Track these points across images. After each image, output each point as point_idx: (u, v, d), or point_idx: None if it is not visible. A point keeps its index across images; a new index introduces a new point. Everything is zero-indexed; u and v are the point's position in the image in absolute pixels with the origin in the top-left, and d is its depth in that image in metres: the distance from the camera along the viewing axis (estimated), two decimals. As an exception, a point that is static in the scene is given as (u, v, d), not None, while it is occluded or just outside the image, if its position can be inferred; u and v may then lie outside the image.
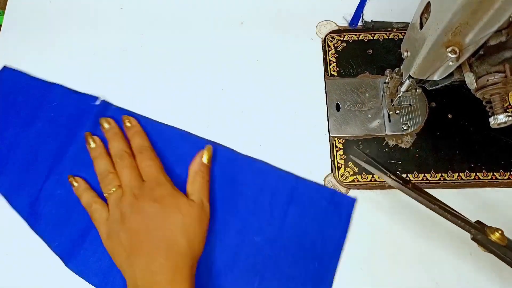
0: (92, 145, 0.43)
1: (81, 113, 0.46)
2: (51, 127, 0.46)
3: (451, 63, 0.29)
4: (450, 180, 0.42)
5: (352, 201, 0.42)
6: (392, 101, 0.43)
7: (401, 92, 0.40)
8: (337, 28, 0.49)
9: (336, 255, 0.40)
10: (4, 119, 0.47)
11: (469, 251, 0.40)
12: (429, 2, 0.30)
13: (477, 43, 0.28)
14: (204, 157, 0.41)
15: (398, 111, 0.44)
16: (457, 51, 0.28)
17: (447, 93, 0.44)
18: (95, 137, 0.43)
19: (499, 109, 0.31)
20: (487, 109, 0.34)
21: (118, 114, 0.46)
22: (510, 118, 0.31)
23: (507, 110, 0.40)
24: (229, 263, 0.40)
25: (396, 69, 0.40)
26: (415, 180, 0.42)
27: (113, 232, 0.38)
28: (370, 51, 0.47)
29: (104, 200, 0.40)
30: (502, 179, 0.42)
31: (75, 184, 0.42)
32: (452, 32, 0.27)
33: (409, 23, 0.34)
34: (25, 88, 0.48)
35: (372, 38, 0.48)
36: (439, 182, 0.42)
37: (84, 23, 0.51)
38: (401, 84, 0.39)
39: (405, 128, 0.44)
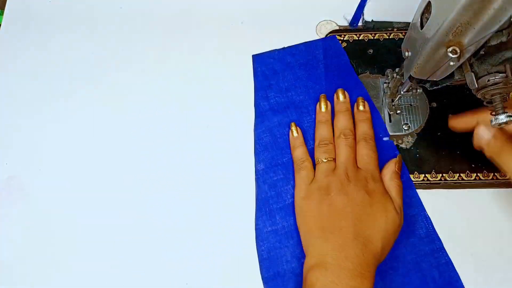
0: (323, 109, 0.43)
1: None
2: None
3: (451, 63, 0.29)
4: (451, 180, 0.42)
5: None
6: (392, 101, 0.43)
7: (402, 92, 0.40)
8: (337, 28, 0.49)
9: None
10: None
11: (470, 252, 0.40)
12: (429, 2, 0.29)
13: (478, 43, 0.28)
14: (397, 165, 0.40)
15: (398, 111, 0.44)
16: (458, 51, 0.28)
17: (448, 93, 0.44)
18: (329, 103, 0.43)
19: (500, 109, 0.31)
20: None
21: (389, 148, 0.43)
22: (511, 118, 0.31)
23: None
24: None
25: (397, 69, 0.40)
26: (416, 181, 0.42)
27: (313, 197, 0.38)
28: (371, 51, 0.47)
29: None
30: (503, 179, 0.42)
31: (295, 133, 0.43)
32: (453, 32, 0.27)
33: (409, 23, 0.34)
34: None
35: (372, 38, 0.48)
36: (440, 183, 0.42)
37: (83, 23, 0.51)
38: (402, 84, 0.39)
39: (405, 128, 0.44)
